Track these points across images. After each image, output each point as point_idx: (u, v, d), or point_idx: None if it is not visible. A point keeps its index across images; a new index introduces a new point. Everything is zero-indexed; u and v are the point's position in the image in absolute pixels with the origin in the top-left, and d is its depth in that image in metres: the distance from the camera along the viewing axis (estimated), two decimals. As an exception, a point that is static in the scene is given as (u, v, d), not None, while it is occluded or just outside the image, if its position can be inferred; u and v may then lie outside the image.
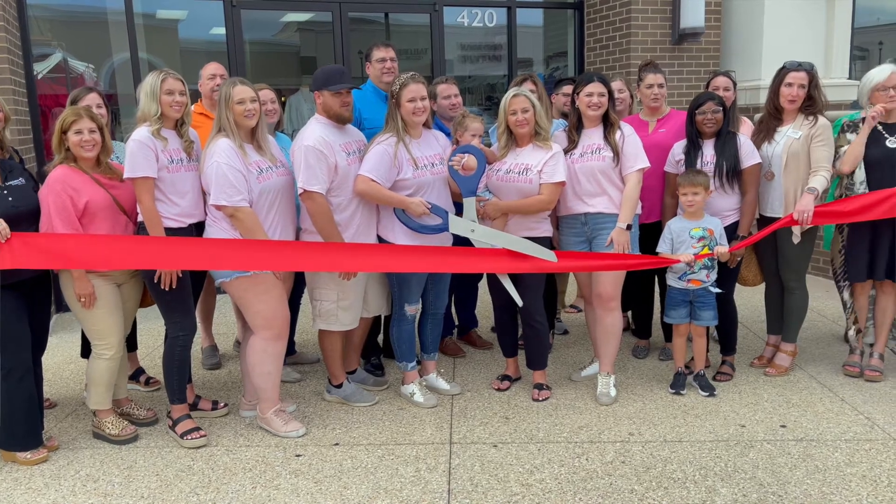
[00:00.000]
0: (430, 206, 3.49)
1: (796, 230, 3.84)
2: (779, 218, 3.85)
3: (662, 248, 3.80)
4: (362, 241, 3.56)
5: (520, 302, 3.67)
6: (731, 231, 3.84)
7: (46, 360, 3.47)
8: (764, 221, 3.97)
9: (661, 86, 4.12)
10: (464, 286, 4.63)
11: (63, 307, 5.47)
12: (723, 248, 3.67)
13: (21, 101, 5.29)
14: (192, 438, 3.38)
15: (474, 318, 4.80)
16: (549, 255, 3.58)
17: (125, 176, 3.22)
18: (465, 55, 7.46)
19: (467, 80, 7.55)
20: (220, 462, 3.25)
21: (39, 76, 5.76)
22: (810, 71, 3.82)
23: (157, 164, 3.20)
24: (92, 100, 3.66)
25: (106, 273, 3.32)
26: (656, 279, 4.41)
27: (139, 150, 3.17)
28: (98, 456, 3.33)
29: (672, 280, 3.83)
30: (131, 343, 4.00)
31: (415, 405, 3.81)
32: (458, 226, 3.55)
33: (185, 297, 3.37)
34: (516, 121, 3.60)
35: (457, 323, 4.76)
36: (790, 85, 3.80)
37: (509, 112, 3.60)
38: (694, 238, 3.70)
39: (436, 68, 6.80)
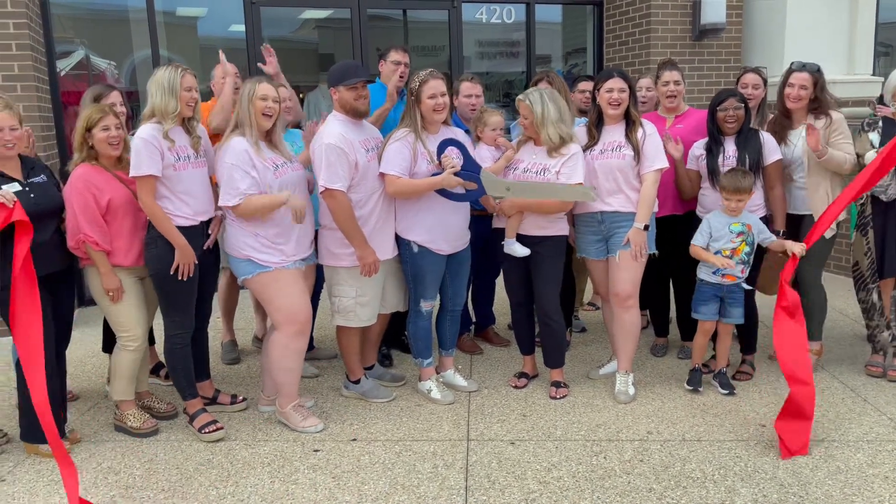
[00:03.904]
0: (461, 179, 3.47)
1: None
2: (804, 216, 3.87)
3: (699, 241, 3.73)
4: (381, 237, 3.57)
5: (594, 188, 3.57)
6: None
7: (69, 353, 3.51)
8: (789, 219, 3.95)
9: (677, 83, 4.08)
10: (481, 283, 4.63)
11: (85, 302, 5.53)
12: (798, 248, 3.57)
13: (44, 97, 5.35)
14: (209, 432, 3.41)
15: (491, 316, 4.79)
16: (587, 196, 3.49)
17: (130, 174, 3.21)
18: (483, 51, 7.44)
19: (485, 77, 7.53)
20: (239, 456, 3.27)
21: (62, 73, 5.82)
22: (814, 73, 3.81)
23: (161, 162, 3.20)
24: (115, 98, 3.69)
25: (129, 267, 3.36)
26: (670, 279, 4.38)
27: (144, 148, 3.17)
28: (119, 449, 3.37)
29: (705, 274, 3.77)
30: (150, 337, 4.03)
31: (432, 402, 3.81)
32: (494, 186, 3.53)
33: (189, 296, 3.40)
34: (520, 124, 3.61)
35: (474, 320, 4.76)
36: (792, 86, 3.82)
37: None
38: (733, 233, 3.66)
39: (454, 65, 6.79)
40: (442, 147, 3.52)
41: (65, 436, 3.36)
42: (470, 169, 3.51)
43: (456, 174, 3.45)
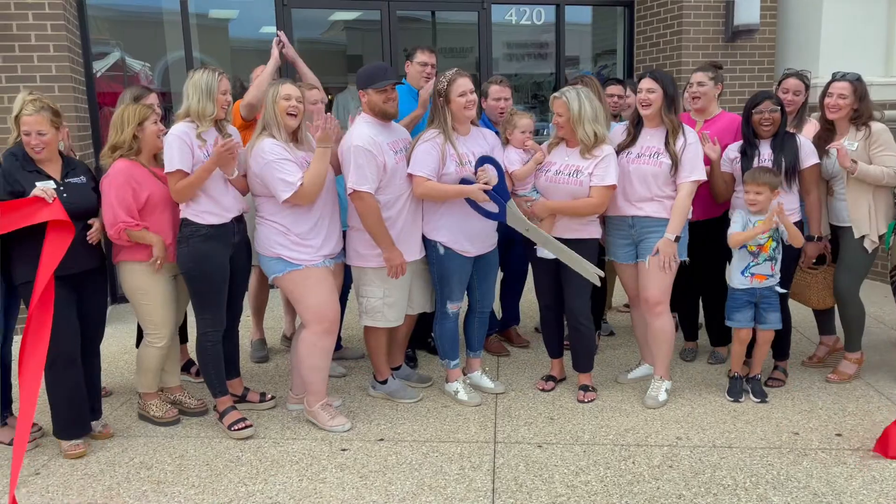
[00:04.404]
0: (488, 195, 3.47)
1: (874, 237, 3.78)
2: (846, 227, 3.81)
3: (737, 228, 3.66)
4: (408, 238, 3.59)
5: (601, 275, 3.60)
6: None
7: (102, 349, 3.56)
8: (831, 230, 3.93)
9: (700, 84, 4.01)
10: (507, 284, 4.61)
11: (118, 299, 5.63)
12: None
13: (80, 98, 5.45)
14: (238, 429, 3.45)
15: (516, 316, 4.78)
16: (592, 278, 3.57)
17: (165, 171, 3.29)
18: (512, 53, 7.42)
19: (514, 78, 7.51)
20: (267, 454, 3.30)
21: (98, 74, 5.93)
22: (854, 82, 3.75)
23: (192, 159, 3.27)
24: (153, 99, 3.78)
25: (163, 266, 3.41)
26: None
27: (177, 145, 3.25)
28: (151, 444, 3.42)
29: (736, 281, 3.72)
30: (182, 335, 4.09)
31: (459, 403, 3.81)
32: (516, 220, 3.54)
33: (220, 294, 3.44)
34: (555, 122, 3.59)
35: (498, 318, 4.74)
36: (830, 95, 3.78)
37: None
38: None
39: (482, 66, 6.78)
40: (482, 162, 3.53)
41: (87, 433, 3.37)
42: (500, 192, 3.51)
43: (486, 191, 3.46)
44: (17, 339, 3.38)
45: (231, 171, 3.37)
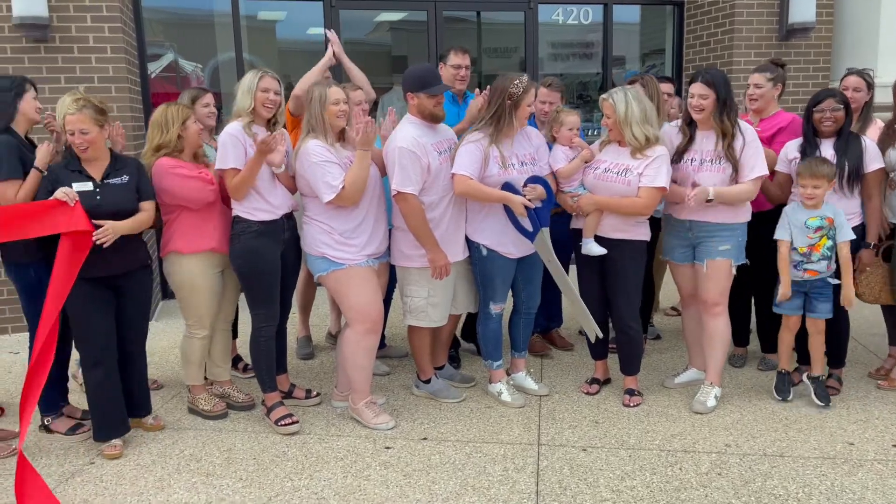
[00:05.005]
0: (527, 212, 3.45)
1: None
2: None
3: (782, 234, 3.58)
4: (452, 239, 3.59)
5: (600, 335, 3.68)
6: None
7: (154, 344, 3.63)
8: (891, 229, 3.77)
9: (757, 86, 3.92)
10: (550, 285, 4.57)
11: (168, 294, 5.76)
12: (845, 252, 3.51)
13: (136, 98, 5.60)
14: (285, 425, 3.50)
15: (559, 317, 4.74)
16: (591, 334, 3.65)
17: (216, 167, 3.39)
18: (558, 53, 7.36)
19: (560, 79, 7.44)
20: (312, 450, 3.34)
21: (152, 75, 6.08)
22: None
23: (245, 157, 3.33)
24: (209, 99, 3.90)
25: (208, 253, 3.47)
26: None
27: (230, 143, 3.32)
28: (200, 437, 3.49)
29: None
30: (233, 331, 4.14)
31: (502, 404, 3.79)
32: (542, 247, 3.55)
33: (272, 290, 3.49)
34: (604, 124, 3.55)
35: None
36: None
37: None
38: (810, 228, 3.51)
39: (528, 66, 6.75)
40: (535, 181, 3.52)
41: (120, 434, 3.37)
42: (540, 217, 3.50)
43: (528, 209, 3.44)
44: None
45: (280, 162, 3.41)
